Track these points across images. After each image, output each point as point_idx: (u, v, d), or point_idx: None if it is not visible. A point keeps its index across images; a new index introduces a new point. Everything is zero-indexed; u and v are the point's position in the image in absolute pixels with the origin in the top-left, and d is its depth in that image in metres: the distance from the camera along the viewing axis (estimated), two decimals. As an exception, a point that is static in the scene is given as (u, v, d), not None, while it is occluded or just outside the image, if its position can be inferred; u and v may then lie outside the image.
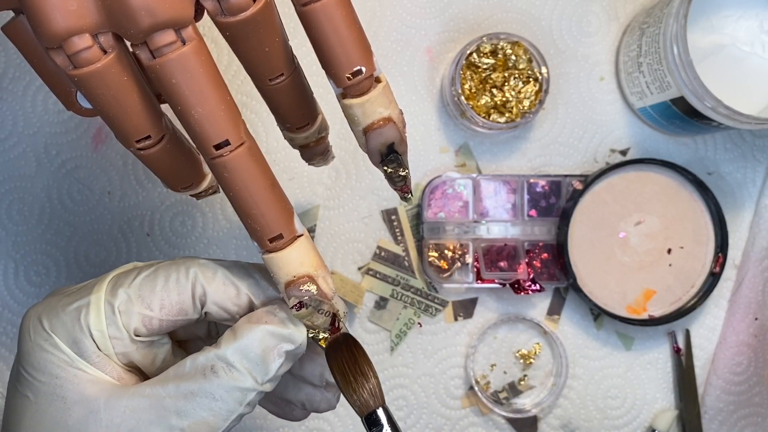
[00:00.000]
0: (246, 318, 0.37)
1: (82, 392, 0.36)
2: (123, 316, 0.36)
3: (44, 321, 0.37)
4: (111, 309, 0.36)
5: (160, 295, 0.37)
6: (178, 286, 0.37)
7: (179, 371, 0.36)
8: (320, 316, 0.36)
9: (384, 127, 0.36)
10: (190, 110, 0.32)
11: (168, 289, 0.37)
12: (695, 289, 0.59)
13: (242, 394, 0.36)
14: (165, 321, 0.37)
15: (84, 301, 0.37)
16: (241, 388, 0.36)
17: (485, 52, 0.57)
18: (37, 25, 0.30)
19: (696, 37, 0.53)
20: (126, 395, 0.36)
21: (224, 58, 0.59)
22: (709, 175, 0.60)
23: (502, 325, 0.60)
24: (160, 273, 0.37)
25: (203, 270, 0.37)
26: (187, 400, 0.36)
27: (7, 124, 0.58)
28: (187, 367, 0.36)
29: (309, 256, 0.35)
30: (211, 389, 0.36)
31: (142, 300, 0.37)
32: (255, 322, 0.37)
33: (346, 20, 0.33)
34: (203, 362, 0.36)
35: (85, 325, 0.36)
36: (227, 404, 0.36)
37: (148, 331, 0.37)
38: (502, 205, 0.59)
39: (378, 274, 0.59)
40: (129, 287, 0.37)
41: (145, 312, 0.37)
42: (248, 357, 0.36)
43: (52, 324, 0.37)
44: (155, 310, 0.37)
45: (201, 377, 0.36)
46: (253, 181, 0.33)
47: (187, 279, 0.37)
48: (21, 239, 0.58)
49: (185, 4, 0.31)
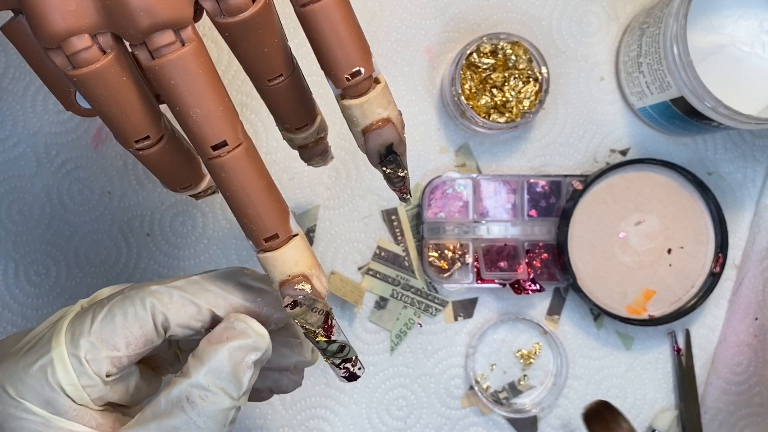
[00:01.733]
0: (206, 340, 0.37)
1: None
2: (92, 363, 0.36)
3: (9, 389, 0.36)
4: (77, 361, 0.36)
5: (122, 333, 0.37)
6: (138, 319, 0.37)
7: (156, 410, 0.36)
8: (314, 315, 0.36)
9: (383, 127, 0.36)
10: (189, 111, 0.32)
11: (128, 326, 0.37)
12: (695, 289, 0.59)
13: (224, 415, 0.36)
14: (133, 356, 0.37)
15: (46, 359, 0.36)
16: (221, 410, 0.36)
17: (485, 52, 0.57)
18: (36, 26, 0.30)
19: (696, 37, 0.53)
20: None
21: (224, 58, 0.59)
22: (709, 175, 0.60)
23: (502, 325, 0.60)
24: (116, 311, 0.37)
25: (158, 297, 0.37)
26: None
27: (7, 124, 0.58)
28: (162, 405, 0.36)
29: (304, 255, 0.35)
30: (193, 419, 0.36)
31: (107, 343, 0.36)
32: (216, 342, 0.37)
33: (345, 21, 0.33)
34: (177, 395, 0.36)
35: (55, 383, 0.36)
36: (211, 429, 0.36)
37: (119, 369, 0.37)
38: (502, 205, 0.59)
39: (378, 274, 0.59)
40: (90, 334, 0.36)
41: (113, 354, 0.36)
42: (220, 377, 0.36)
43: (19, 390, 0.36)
44: (122, 349, 0.37)
45: (179, 411, 0.36)
46: (249, 182, 0.33)
47: (146, 310, 0.37)
48: (21, 239, 0.58)
49: (184, 5, 0.31)
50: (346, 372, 0.38)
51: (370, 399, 0.59)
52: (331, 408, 0.59)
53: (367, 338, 0.59)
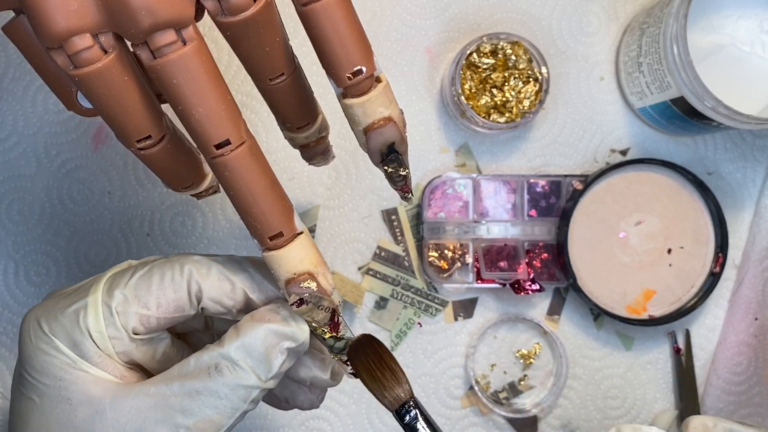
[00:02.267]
0: (249, 316, 0.37)
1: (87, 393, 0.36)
2: (121, 316, 0.37)
3: (43, 324, 0.37)
4: (108, 310, 0.37)
5: (156, 294, 0.37)
6: (174, 284, 0.37)
7: (183, 370, 0.37)
8: (320, 312, 0.36)
9: (384, 126, 0.36)
10: (191, 110, 0.32)
11: (164, 288, 0.37)
12: (695, 289, 0.59)
13: (246, 392, 0.36)
14: (162, 319, 0.37)
15: (81, 303, 0.37)
16: (245, 386, 0.36)
17: (485, 52, 0.57)
18: (38, 25, 0.30)
19: (696, 37, 0.53)
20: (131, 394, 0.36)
21: (224, 58, 0.59)
22: (709, 175, 0.60)
23: (502, 325, 0.60)
24: (155, 272, 0.37)
25: (197, 267, 0.38)
26: (192, 399, 0.36)
27: (7, 124, 0.58)
28: (191, 366, 0.36)
29: (309, 253, 0.35)
30: (216, 387, 0.36)
31: (139, 300, 0.37)
32: (258, 321, 0.37)
33: (346, 20, 0.33)
34: (207, 361, 0.36)
35: (84, 327, 0.36)
36: (232, 402, 0.36)
37: (147, 330, 0.37)
38: (502, 205, 0.59)
39: (378, 274, 0.59)
40: (125, 287, 0.37)
41: (142, 311, 0.37)
42: (252, 355, 0.36)
43: (52, 327, 0.37)
44: (152, 309, 0.37)
45: (205, 376, 0.36)
46: (253, 180, 0.33)
47: (182, 276, 0.37)
48: (21, 239, 0.58)
49: (186, 4, 0.31)
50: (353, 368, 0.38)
51: (370, 399, 0.59)
52: (331, 408, 0.59)
53: (367, 338, 0.59)
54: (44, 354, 0.37)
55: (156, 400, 0.36)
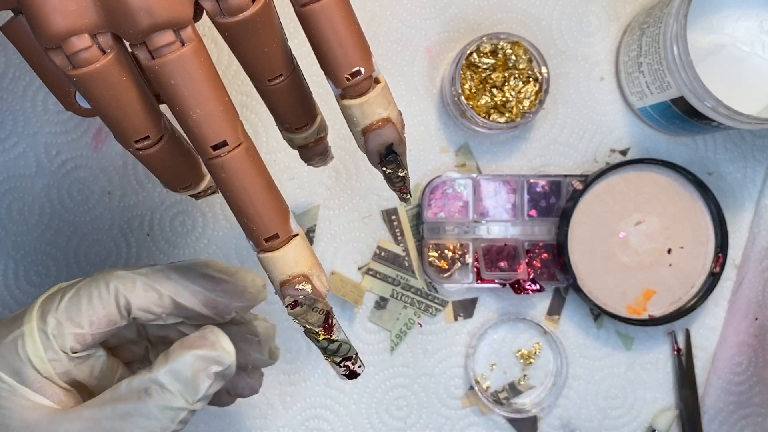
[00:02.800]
0: (179, 343, 0.40)
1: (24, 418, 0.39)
2: (57, 339, 0.39)
3: None
4: (45, 335, 0.39)
5: (87, 313, 0.39)
6: (102, 301, 0.40)
7: (115, 394, 0.39)
8: (315, 314, 0.36)
9: (383, 127, 0.36)
10: (189, 111, 0.32)
11: (93, 306, 0.40)
12: (695, 289, 0.59)
13: (174, 413, 0.39)
14: (97, 334, 0.40)
15: (18, 333, 0.39)
16: (173, 408, 0.39)
17: (485, 52, 0.57)
18: (36, 26, 0.30)
19: (696, 37, 0.53)
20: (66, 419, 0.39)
21: (224, 58, 0.59)
22: (709, 175, 0.60)
23: (502, 325, 0.60)
24: (83, 293, 0.40)
25: (122, 282, 0.40)
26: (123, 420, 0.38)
27: (7, 124, 0.58)
28: (122, 390, 0.39)
29: (304, 255, 0.35)
30: (146, 410, 0.38)
31: (72, 321, 0.39)
32: (187, 347, 0.39)
33: (345, 21, 0.33)
34: (138, 385, 0.39)
35: (23, 355, 0.39)
36: (161, 422, 0.39)
37: (83, 347, 0.40)
38: (502, 205, 0.59)
39: (378, 274, 0.59)
40: (57, 312, 0.39)
41: (77, 331, 0.39)
42: (179, 379, 0.39)
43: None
44: (86, 328, 0.40)
45: (136, 399, 0.38)
46: (249, 182, 0.33)
47: (109, 293, 0.40)
48: (21, 239, 0.58)
49: (184, 5, 0.31)
50: (346, 370, 0.38)
51: (370, 399, 0.59)
52: (331, 408, 0.59)
53: (367, 338, 0.59)
54: None
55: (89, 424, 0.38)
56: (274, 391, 0.59)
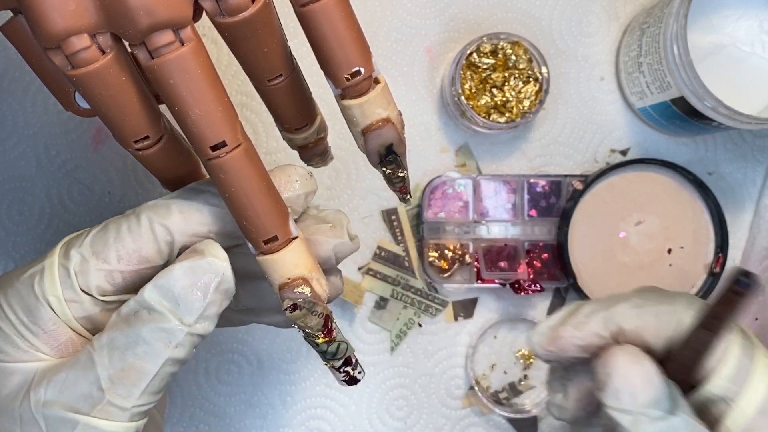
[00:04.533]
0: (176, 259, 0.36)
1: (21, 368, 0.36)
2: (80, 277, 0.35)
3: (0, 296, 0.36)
4: (66, 272, 0.35)
5: (114, 246, 0.35)
6: (131, 233, 0.35)
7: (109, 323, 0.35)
8: (314, 318, 0.36)
9: (383, 128, 0.36)
10: (188, 111, 0.32)
11: (121, 239, 0.35)
12: (695, 289, 0.59)
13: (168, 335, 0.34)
14: (127, 272, 0.35)
15: (37, 268, 0.35)
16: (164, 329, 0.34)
17: (485, 52, 0.57)
18: (36, 26, 0.30)
19: (696, 37, 0.53)
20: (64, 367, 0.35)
21: (224, 58, 0.59)
22: (709, 175, 0.60)
23: (502, 325, 0.60)
24: (111, 226, 0.36)
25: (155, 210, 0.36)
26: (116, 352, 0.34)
27: (7, 124, 0.58)
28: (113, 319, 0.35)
29: (303, 258, 0.35)
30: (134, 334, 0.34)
31: (97, 256, 0.35)
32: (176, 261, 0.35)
33: (344, 21, 0.33)
34: (126, 311, 0.35)
35: (39, 292, 0.35)
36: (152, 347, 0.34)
37: (114, 288, 0.35)
38: (502, 205, 0.59)
39: (378, 274, 0.59)
40: (81, 246, 0.35)
41: (102, 267, 0.35)
42: (167, 297, 0.34)
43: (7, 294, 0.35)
44: (113, 263, 0.35)
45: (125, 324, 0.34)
46: (249, 183, 0.33)
47: (139, 224, 0.35)
48: (21, 239, 0.58)
49: (184, 5, 0.31)
50: (346, 375, 0.38)
51: (370, 399, 0.59)
52: (331, 408, 0.59)
53: (367, 338, 0.59)
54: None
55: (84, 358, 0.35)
56: (274, 391, 0.59)
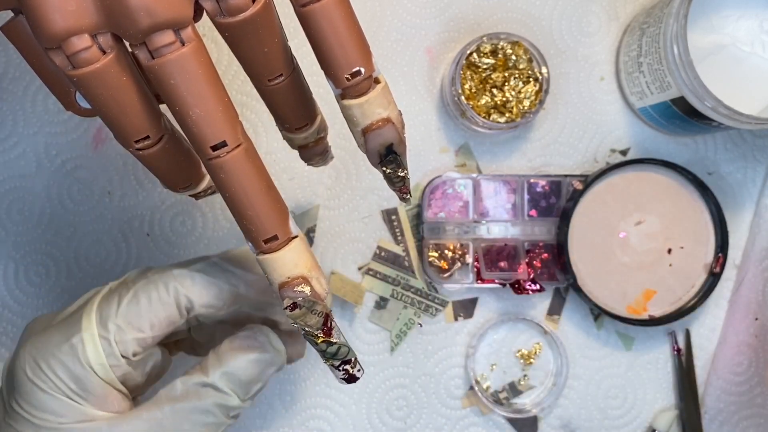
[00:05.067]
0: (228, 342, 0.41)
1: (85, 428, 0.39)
2: (119, 345, 0.40)
3: (41, 363, 0.39)
4: (107, 343, 0.39)
5: (147, 317, 0.40)
6: (162, 303, 0.40)
7: (171, 394, 0.40)
8: (313, 317, 0.36)
9: (383, 127, 0.36)
10: (188, 111, 0.32)
11: (153, 310, 0.40)
12: (695, 289, 0.59)
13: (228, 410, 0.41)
14: (157, 336, 0.41)
15: (77, 339, 0.39)
16: (228, 406, 0.41)
17: (485, 52, 0.57)
18: (36, 26, 0.30)
19: (696, 37, 0.53)
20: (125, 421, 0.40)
21: (224, 58, 0.58)
22: (709, 175, 0.60)
23: (502, 325, 0.60)
24: (141, 296, 0.40)
25: (181, 281, 0.41)
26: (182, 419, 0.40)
27: (7, 124, 0.58)
28: (178, 390, 0.40)
29: (303, 257, 0.35)
30: (204, 407, 0.40)
31: (132, 326, 0.40)
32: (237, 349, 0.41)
33: (345, 21, 0.33)
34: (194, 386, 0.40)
35: (85, 362, 0.39)
36: (218, 418, 0.41)
37: (144, 349, 0.41)
38: (502, 205, 0.59)
39: (378, 274, 0.59)
40: (117, 317, 0.40)
41: (138, 336, 0.40)
42: (233, 381, 0.41)
43: (51, 364, 0.39)
44: (147, 331, 0.40)
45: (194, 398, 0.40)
46: (249, 183, 0.33)
47: (168, 294, 0.40)
48: (21, 239, 0.58)
49: (184, 5, 0.31)
50: (345, 374, 0.38)
51: (370, 399, 0.59)
52: (331, 408, 0.59)
53: (367, 338, 0.59)
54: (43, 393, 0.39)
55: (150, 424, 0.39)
56: (274, 391, 0.59)
